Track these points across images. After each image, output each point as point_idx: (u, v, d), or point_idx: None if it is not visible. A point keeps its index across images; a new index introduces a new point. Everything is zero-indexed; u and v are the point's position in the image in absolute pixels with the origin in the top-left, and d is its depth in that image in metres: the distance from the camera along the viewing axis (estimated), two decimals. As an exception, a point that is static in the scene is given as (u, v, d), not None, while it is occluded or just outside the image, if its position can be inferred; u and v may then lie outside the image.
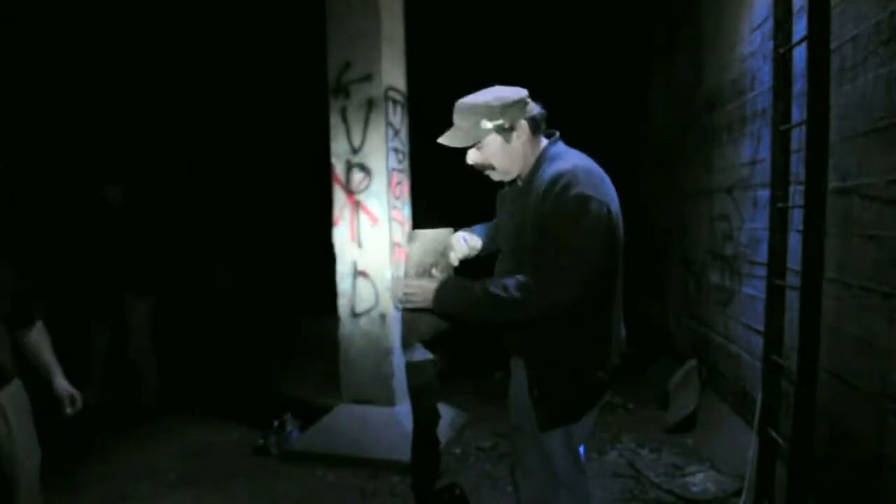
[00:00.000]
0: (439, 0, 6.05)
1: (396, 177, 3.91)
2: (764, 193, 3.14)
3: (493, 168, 1.89)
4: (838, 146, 2.30)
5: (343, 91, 3.81)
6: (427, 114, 5.84)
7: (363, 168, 3.83)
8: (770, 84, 2.64)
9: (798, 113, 2.40)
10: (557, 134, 1.95)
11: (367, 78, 3.75)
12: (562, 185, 1.73)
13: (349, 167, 3.86)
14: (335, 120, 3.86)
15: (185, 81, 7.54)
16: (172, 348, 6.47)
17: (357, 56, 3.76)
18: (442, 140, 1.86)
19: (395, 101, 3.90)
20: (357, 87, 3.78)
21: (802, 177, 2.10)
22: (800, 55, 2.34)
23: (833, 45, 2.23)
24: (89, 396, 4.01)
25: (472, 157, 1.88)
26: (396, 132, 3.92)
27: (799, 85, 2.44)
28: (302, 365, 5.80)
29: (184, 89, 7.56)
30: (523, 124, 1.83)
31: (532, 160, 1.88)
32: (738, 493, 2.97)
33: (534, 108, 1.86)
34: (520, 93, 1.86)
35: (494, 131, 1.82)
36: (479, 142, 1.84)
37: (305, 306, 7.64)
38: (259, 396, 4.91)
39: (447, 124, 1.92)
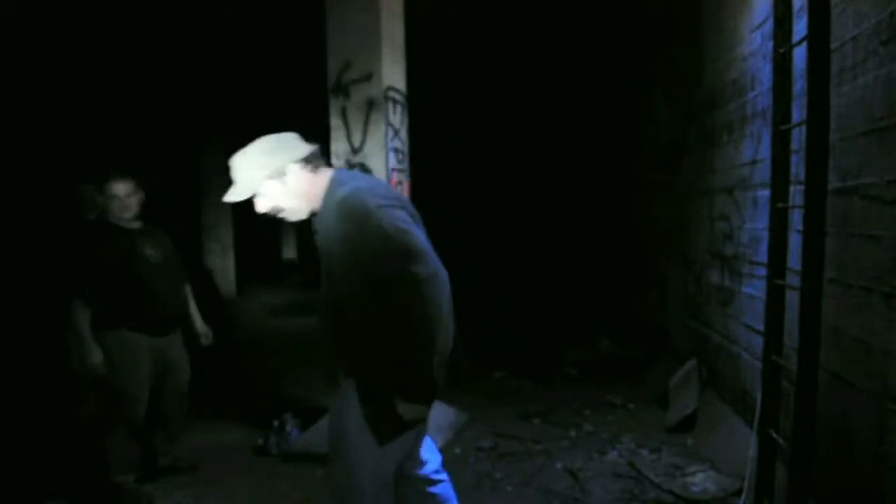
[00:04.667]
0: (439, 0, 6.05)
1: (396, 177, 3.92)
2: (764, 193, 3.14)
3: (281, 211, 1.99)
4: (838, 146, 2.30)
5: (343, 91, 3.81)
6: (427, 114, 5.85)
7: (363, 168, 3.83)
8: (770, 84, 2.64)
9: (798, 113, 2.40)
10: (335, 168, 2.07)
11: (367, 78, 3.76)
12: (350, 206, 1.84)
13: (349, 167, 3.86)
14: (335, 120, 3.86)
15: (183, 81, 7.54)
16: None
17: (357, 56, 3.76)
18: (227, 198, 1.96)
19: (395, 101, 3.90)
20: (357, 87, 3.78)
21: (802, 177, 2.10)
22: (800, 55, 2.34)
23: (833, 45, 2.23)
24: (87, 408, 4.00)
25: (260, 206, 1.98)
26: (396, 132, 3.92)
27: (799, 85, 2.44)
28: (302, 365, 5.80)
29: (182, 89, 7.57)
30: (294, 167, 1.93)
31: (320, 193, 1.96)
32: (738, 493, 2.97)
33: (302, 149, 1.97)
34: (284, 138, 1.98)
35: (268, 178, 1.92)
36: (258, 192, 1.94)
37: (307, 306, 7.65)
38: (259, 396, 4.91)
39: (447, 124, 1.98)
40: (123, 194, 3.21)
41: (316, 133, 4.72)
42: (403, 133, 4.03)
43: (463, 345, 2.13)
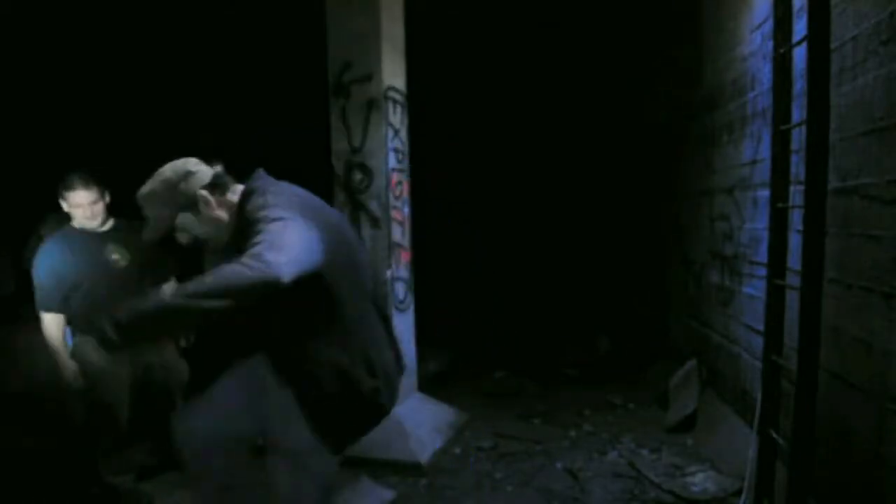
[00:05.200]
0: (439, 0, 6.05)
1: (396, 177, 3.92)
2: (764, 193, 3.14)
3: (202, 240, 1.95)
4: (838, 146, 2.30)
5: (343, 91, 3.81)
6: (427, 114, 5.85)
7: (363, 168, 3.83)
8: (770, 84, 2.64)
9: (798, 113, 2.40)
10: (258, 172, 1.99)
11: (367, 78, 3.75)
12: (257, 216, 1.76)
13: (349, 167, 3.86)
14: (335, 120, 3.86)
15: (184, 81, 7.54)
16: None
17: (357, 56, 3.76)
18: (145, 236, 1.93)
19: (395, 101, 3.90)
20: (357, 87, 3.78)
21: (802, 177, 2.10)
22: (800, 55, 2.33)
23: (833, 45, 2.22)
24: (76, 409, 3.97)
25: (182, 238, 1.95)
26: (396, 132, 3.92)
27: (799, 85, 2.44)
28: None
29: (181, 90, 7.56)
30: (202, 194, 1.88)
31: (234, 212, 1.92)
32: (738, 493, 2.97)
33: (206, 174, 1.92)
34: (183, 168, 1.91)
35: (181, 211, 1.88)
36: (173, 226, 1.90)
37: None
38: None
39: (447, 124, 1.94)
40: (87, 202, 3.07)
41: (316, 133, 4.72)
42: (403, 133, 4.03)
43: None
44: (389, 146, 3.82)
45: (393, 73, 3.87)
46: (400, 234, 3.97)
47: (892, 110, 1.99)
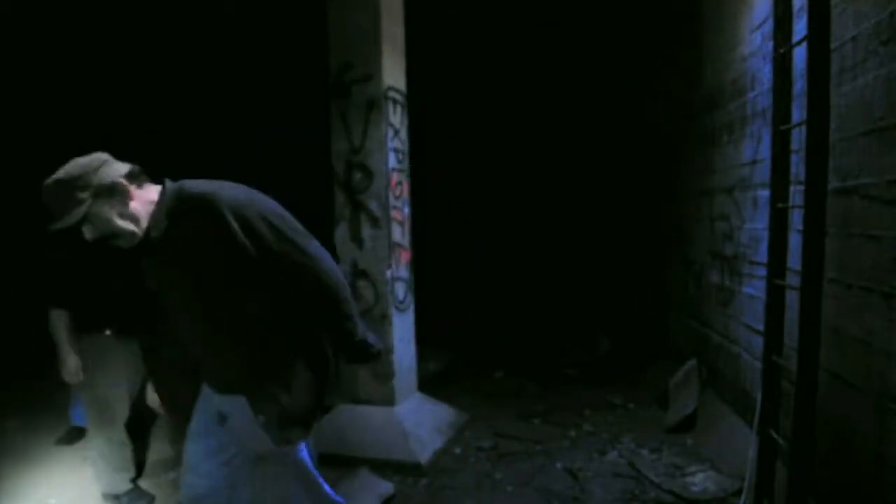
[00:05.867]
0: (439, 0, 6.05)
1: (396, 177, 3.92)
2: (764, 193, 3.14)
3: (115, 235, 1.83)
4: (838, 146, 2.30)
5: (343, 91, 3.81)
6: (427, 114, 5.85)
7: (363, 168, 3.83)
8: (770, 84, 2.64)
9: (798, 113, 2.40)
10: (165, 180, 1.94)
11: (367, 78, 3.76)
12: (224, 200, 1.78)
13: (349, 167, 3.86)
14: (335, 120, 3.86)
15: (182, 82, 7.54)
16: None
17: (357, 56, 3.76)
18: (55, 226, 1.78)
19: (395, 101, 3.90)
20: (357, 88, 3.78)
21: (802, 177, 2.10)
22: (800, 55, 2.34)
23: (833, 45, 2.23)
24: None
25: (91, 232, 1.82)
26: (396, 132, 3.92)
27: (799, 85, 2.44)
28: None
29: (181, 90, 7.56)
30: (122, 183, 1.80)
31: (152, 210, 1.84)
32: (738, 493, 2.97)
33: (123, 165, 1.85)
34: (101, 157, 1.84)
35: (97, 199, 1.77)
36: (87, 215, 1.77)
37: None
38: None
39: (447, 124, 1.96)
40: None
41: (316, 133, 4.72)
42: (403, 133, 4.03)
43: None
44: (389, 146, 3.82)
45: (393, 73, 3.87)
46: (400, 234, 3.97)
47: (892, 110, 2.00)
